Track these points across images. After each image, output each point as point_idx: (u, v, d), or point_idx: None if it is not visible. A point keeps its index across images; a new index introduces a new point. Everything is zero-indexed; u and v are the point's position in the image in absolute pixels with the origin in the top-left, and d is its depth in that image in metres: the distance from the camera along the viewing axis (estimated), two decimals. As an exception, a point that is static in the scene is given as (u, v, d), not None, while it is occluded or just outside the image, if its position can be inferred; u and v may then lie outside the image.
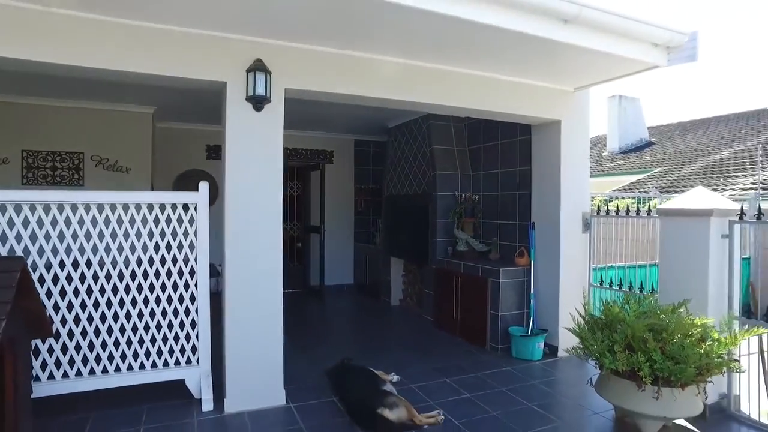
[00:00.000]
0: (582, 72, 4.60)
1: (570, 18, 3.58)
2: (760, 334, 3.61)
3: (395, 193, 7.51)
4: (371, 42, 3.82)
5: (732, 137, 16.01)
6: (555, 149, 5.13)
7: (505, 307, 5.20)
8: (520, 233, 5.58)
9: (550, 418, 3.69)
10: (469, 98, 4.55)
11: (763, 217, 3.57)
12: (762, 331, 3.31)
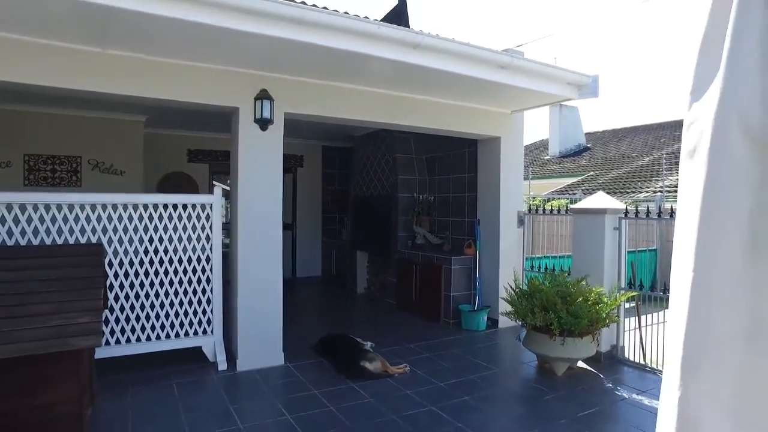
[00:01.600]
0: (516, 101, 5.82)
1: (505, 65, 4.77)
2: (637, 302, 4.93)
3: (361, 194, 8.56)
4: (351, 77, 4.86)
5: (653, 145, 18.02)
6: (495, 160, 6.34)
7: (455, 288, 6.36)
8: (468, 228, 6.76)
9: (490, 367, 4.87)
10: (427, 119, 5.68)
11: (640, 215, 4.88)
12: (630, 294, 4.65)
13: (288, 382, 4.44)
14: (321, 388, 4.22)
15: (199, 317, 4.70)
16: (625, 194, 12.42)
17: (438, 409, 3.82)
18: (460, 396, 4.08)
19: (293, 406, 3.87)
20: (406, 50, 4.21)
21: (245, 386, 4.31)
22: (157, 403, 3.86)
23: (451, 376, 4.55)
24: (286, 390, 4.26)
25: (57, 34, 3.67)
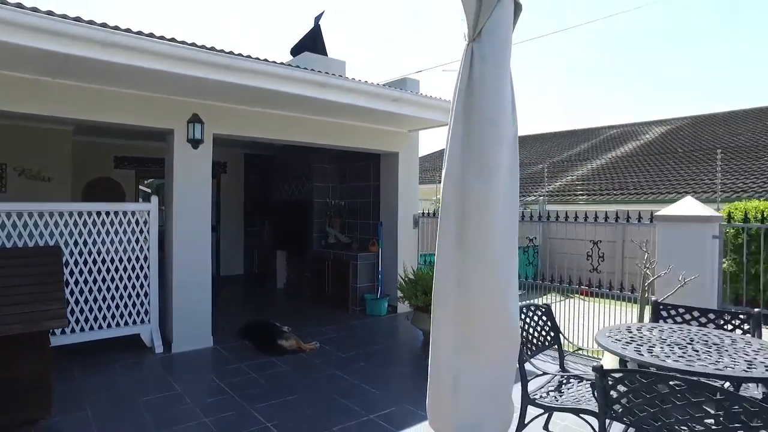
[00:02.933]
0: (410, 123, 7.06)
1: (396, 98, 5.97)
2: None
3: (281, 199, 9.48)
4: (272, 105, 5.84)
5: (548, 152, 20.30)
6: (394, 171, 7.55)
7: (361, 281, 7.50)
8: (373, 229, 7.93)
9: (385, 342, 6.05)
10: (336, 139, 6.76)
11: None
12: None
13: (217, 359, 5.34)
14: (245, 362, 5.18)
15: (138, 308, 5.47)
16: (516, 197, 14.20)
17: (339, 371, 4.92)
18: (358, 363, 5.21)
19: (222, 375, 4.81)
20: (315, 88, 5.27)
21: (180, 363, 5.17)
22: (104, 381, 4.62)
23: (352, 350, 5.67)
24: (216, 364, 5.18)
25: (18, 68, 4.34)
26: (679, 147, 15.87)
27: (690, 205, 4.49)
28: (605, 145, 18.74)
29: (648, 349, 2.70)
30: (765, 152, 12.81)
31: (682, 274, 4.11)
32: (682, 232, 4.40)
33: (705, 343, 2.83)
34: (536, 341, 3.44)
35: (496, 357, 2.22)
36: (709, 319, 3.54)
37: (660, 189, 11.74)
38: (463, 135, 2.11)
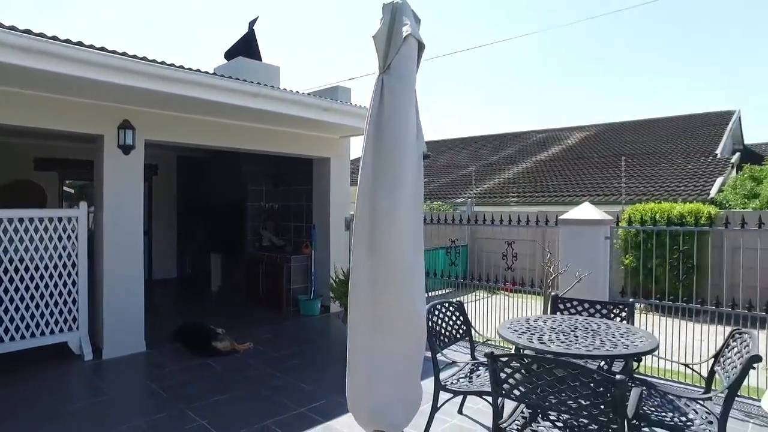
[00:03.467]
0: (342, 130, 7.35)
1: (327, 108, 6.24)
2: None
3: (215, 202, 9.49)
4: (205, 112, 5.95)
5: (478, 155, 21.22)
6: (327, 176, 7.82)
7: (295, 282, 7.72)
8: (306, 231, 8.16)
9: (319, 340, 6.32)
10: (270, 145, 6.94)
11: (442, 222, 6.68)
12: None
13: (150, 362, 5.41)
14: (179, 365, 5.28)
15: (65, 316, 5.41)
16: (447, 199, 14.86)
17: (272, 370, 5.14)
18: (291, 361, 5.44)
19: (155, 378, 4.90)
20: (247, 98, 5.45)
21: (111, 369, 5.19)
22: (28, 393, 4.53)
23: (285, 349, 5.89)
24: (149, 368, 5.24)
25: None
26: (594, 153, 17.17)
27: (587, 209, 5.09)
28: (531, 149, 19.89)
29: (539, 337, 3.15)
30: (662, 159, 14.18)
31: (578, 271, 4.68)
32: (579, 234, 4.98)
33: (585, 330, 3.32)
34: (449, 334, 3.85)
35: (404, 348, 2.57)
36: (596, 309, 4.09)
37: (576, 192, 12.73)
38: (374, 155, 2.44)
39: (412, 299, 2.51)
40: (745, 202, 9.53)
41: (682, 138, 16.24)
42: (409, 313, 2.51)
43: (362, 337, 2.52)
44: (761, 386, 4.24)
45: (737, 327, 3.20)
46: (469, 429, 3.81)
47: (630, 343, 3.04)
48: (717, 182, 11.08)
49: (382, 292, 2.46)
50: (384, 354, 2.50)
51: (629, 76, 63.17)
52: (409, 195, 2.45)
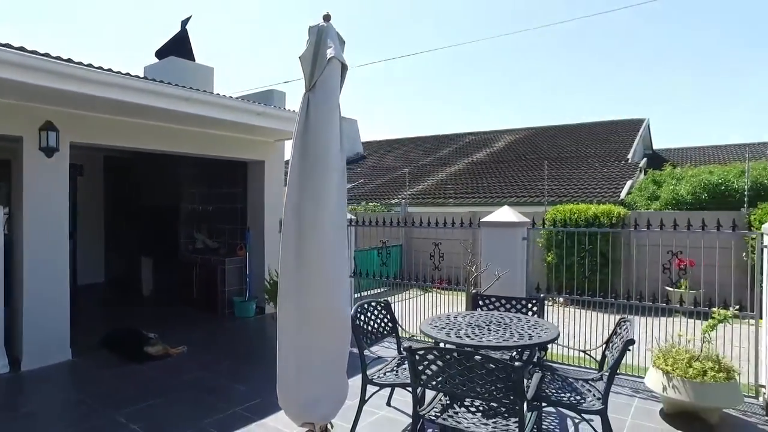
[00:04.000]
0: (276, 134, 7.44)
1: (260, 113, 6.33)
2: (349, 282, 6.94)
3: (146, 204, 9.27)
4: (135, 115, 5.87)
5: (413, 156, 21.73)
6: (261, 178, 7.89)
7: (230, 284, 7.73)
8: (241, 234, 8.17)
9: (253, 341, 6.40)
10: (202, 148, 6.93)
11: (365, 222, 6.92)
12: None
13: (76, 371, 5.29)
14: (108, 371, 5.21)
15: (-21, 326, 5.17)
16: (383, 200, 15.19)
17: (206, 372, 5.19)
18: (225, 362, 5.51)
19: (82, 387, 4.82)
20: (179, 102, 5.45)
21: (32, 381, 5.03)
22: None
23: (220, 351, 5.94)
24: (75, 377, 5.14)
25: None
26: (522, 155, 18.11)
27: (505, 212, 5.51)
28: (464, 151, 20.64)
29: (456, 332, 3.46)
30: (581, 163, 15.23)
31: (497, 270, 5.08)
32: (499, 236, 5.39)
33: (498, 324, 3.68)
34: (376, 332, 4.10)
35: (330, 346, 2.78)
36: (512, 305, 4.49)
37: (504, 193, 13.42)
38: (300, 168, 2.64)
39: (337, 301, 2.73)
40: (648, 203, 10.49)
41: (600, 143, 17.47)
42: (334, 313, 2.72)
43: (290, 337, 2.71)
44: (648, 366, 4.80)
45: (624, 316, 3.65)
46: (396, 419, 4.07)
47: (536, 334, 3.41)
48: (627, 185, 12.08)
49: (308, 295, 2.66)
50: (311, 352, 2.70)
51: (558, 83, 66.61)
52: (333, 205, 2.66)
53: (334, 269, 2.70)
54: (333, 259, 2.69)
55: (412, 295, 7.50)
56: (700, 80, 57.55)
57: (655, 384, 4.08)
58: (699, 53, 54.58)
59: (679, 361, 3.98)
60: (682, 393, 3.85)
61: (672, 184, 10.55)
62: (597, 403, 3.15)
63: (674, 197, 10.11)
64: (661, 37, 56.68)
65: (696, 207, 9.71)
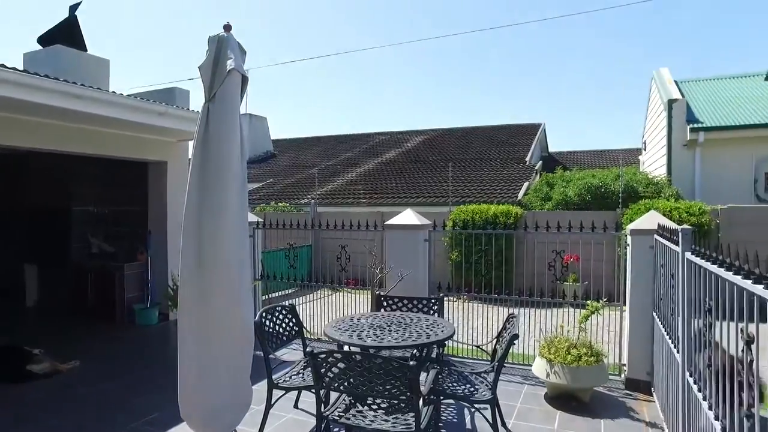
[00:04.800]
0: (179, 134, 7.18)
1: (162, 113, 6.09)
2: (255, 285, 6.90)
3: (33, 205, 8.49)
4: (23, 112, 5.41)
5: (323, 155, 21.73)
6: (163, 180, 7.57)
7: (130, 291, 7.34)
8: (141, 237, 7.78)
9: (156, 350, 6.15)
10: (99, 147, 6.54)
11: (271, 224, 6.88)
12: (257, 281, 6.57)
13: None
14: (-14, 392, 4.77)
15: None
16: (293, 200, 15.08)
17: (104, 385, 4.94)
18: (125, 374, 5.27)
19: (-44, 410, 4.39)
20: (69, 99, 5.11)
21: None
22: None
23: (119, 362, 5.66)
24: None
25: None
26: (430, 156, 18.79)
27: (408, 216, 5.76)
28: (374, 151, 21.00)
29: (358, 334, 3.61)
30: (484, 164, 16.14)
31: (401, 271, 5.31)
32: (402, 238, 5.63)
33: (399, 324, 3.88)
34: (282, 336, 4.15)
35: (232, 354, 2.81)
36: (414, 304, 4.73)
37: (412, 194, 13.88)
38: (200, 179, 2.64)
39: (238, 308, 2.76)
40: (542, 203, 11.39)
41: (501, 146, 18.58)
42: (236, 321, 2.75)
43: (191, 345, 2.70)
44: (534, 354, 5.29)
45: (512, 312, 4.02)
46: (303, 421, 4.15)
47: (433, 333, 3.65)
48: (524, 186, 13.00)
49: (209, 303, 2.67)
50: (213, 360, 2.71)
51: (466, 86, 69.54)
52: (234, 216, 2.69)
53: (236, 276, 2.73)
54: (235, 267, 2.72)
55: (321, 296, 7.58)
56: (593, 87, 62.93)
57: (540, 371, 4.51)
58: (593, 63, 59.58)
59: (560, 349, 4.43)
60: (561, 377, 4.30)
61: (562, 186, 11.51)
62: (488, 393, 3.45)
63: (564, 198, 11.04)
64: (562, 46, 61.18)
65: (582, 207, 10.68)
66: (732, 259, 1.93)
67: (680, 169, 12.33)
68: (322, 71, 74.42)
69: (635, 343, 4.70)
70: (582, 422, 4.07)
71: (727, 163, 12.01)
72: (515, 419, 4.13)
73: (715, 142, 12.08)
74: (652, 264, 4.46)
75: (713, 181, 11.93)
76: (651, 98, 15.77)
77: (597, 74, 61.42)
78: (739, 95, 14.00)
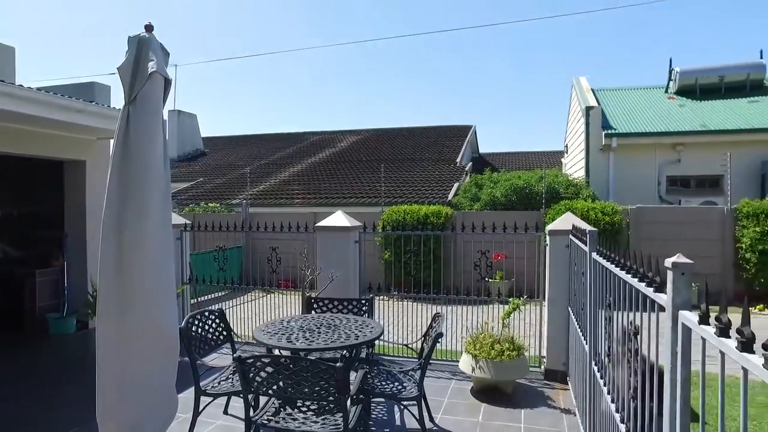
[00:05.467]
0: (98, 132, 6.81)
1: (81, 110, 5.77)
2: (183, 290, 6.73)
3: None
4: None
5: (255, 154, 21.29)
6: (81, 180, 7.15)
7: (43, 299, 6.88)
8: (57, 242, 7.31)
9: (72, 360, 5.82)
10: (5, 144, 6.06)
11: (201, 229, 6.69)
12: (183, 286, 6.39)
13: None
14: None
15: None
16: (223, 200, 14.68)
17: (13, 402, 4.61)
18: (38, 388, 4.94)
19: None
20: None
21: None
22: None
23: (30, 375, 5.30)
24: None
25: None
26: (363, 156, 18.91)
27: (338, 218, 5.81)
28: (308, 150, 20.84)
29: (288, 337, 3.63)
30: (416, 165, 16.49)
31: (331, 273, 5.36)
32: (333, 239, 5.67)
33: (329, 326, 3.93)
34: (211, 341, 4.08)
35: (155, 362, 2.74)
36: (344, 305, 4.79)
37: (345, 194, 13.92)
38: (119, 185, 2.56)
39: (162, 314, 2.70)
40: (471, 204, 11.81)
41: (433, 147, 19.03)
42: (159, 328, 2.69)
43: (111, 356, 2.61)
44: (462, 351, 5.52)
45: (438, 312, 4.18)
46: (233, 426, 4.10)
47: (362, 334, 3.72)
48: (454, 187, 13.41)
49: (130, 311, 2.58)
50: (134, 371, 2.63)
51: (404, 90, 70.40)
52: (156, 218, 2.62)
53: (159, 281, 2.66)
54: (158, 271, 2.65)
55: (253, 298, 7.47)
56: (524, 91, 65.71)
57: (466, 366, 4.72)
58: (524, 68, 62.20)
59: (484, 345, 4.65)
60: (486, 372, 4.52)
61: (490, 187, 11.98)
62: (414, 390, 3.57)
63: (491, 199, 11.51)
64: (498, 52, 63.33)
65: (508, 207, 11.18)
66: (624, 260, 2.14)
67: (597, 171, 13.21)
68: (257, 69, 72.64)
69: (553, 336, 5.02)
70: (504, 413, 4.30)
71: (636, 166, 13.01)
72: (443, 413, 4.30)
73: (626, 147, 13.05)
74: (568, 262, 4.78)
75: (625, 183, 12.89)
76: (571, 104, 16.76)
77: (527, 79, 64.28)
78: (645, 105, 15.21)
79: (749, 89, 14.69)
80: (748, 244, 9.03)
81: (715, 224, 9.58)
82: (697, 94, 15.06)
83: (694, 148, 12.73)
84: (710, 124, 12.99)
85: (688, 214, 9.95)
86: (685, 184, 13.18)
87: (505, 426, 4.05)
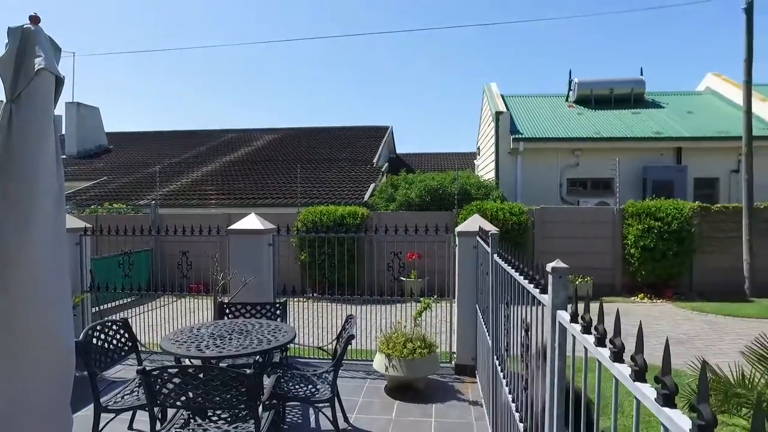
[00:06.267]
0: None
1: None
2: (83, 299, 6.29)
3: None
4: None
5: (165, 152, 20.24)
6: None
7: None
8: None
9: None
10: None
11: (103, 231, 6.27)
12: (82, 296, 5.97)
13: None
14: None
15: None
16: (130, 200, 13.83)
17: None
18: None
19: None
20: None
21: None
22: None
23: None
24: None
25: None
26: (280, 156, 18.61)
27: (251, 220, 5.70)
28: (221, 149, 20.14)
29: (197, 345, 3.52)
30: (333, 165, 16.52)
31: (244, 277, 5.25)
32: (246, 243, 5.55)
33: (240, 332, 3.85)
34: (114, 353, 3.86)
35: (46, 381, 2.55)
36: (257, 310, 4.72)
37: (260, 195, 13.64)
38: (1, 189, 2.35)
39: (54, 328, 2.51)
40: (387, 204, 12.03)
41: (349, 147, 19.13)
42: (51, 343, 2.50)
43: (-5, 378, 2.40)
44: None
45: (350, 314, 4.25)
46: (138, 442, 3.91)
47: (274, 338, 3.69)
48: (371, 187, 13.58)
49: (16, 328, 2.39)
50: (21, 393, 2.44)
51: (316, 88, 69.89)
52: (47, 228, 2.44)
53: (50, 293, 2.47)
54: (48, 283, 2.46)
55: (163, 304, 7.12)
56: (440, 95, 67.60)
57: (379, 366, 4.82)
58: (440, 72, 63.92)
59: (397, 344, 4.79)
60: (399, 370, 4.66)
61: (405, 188, 12.27)
62: (328, 392, 3.61)
63: (406, 199, 11.79)
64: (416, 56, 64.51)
65: (423, 208, 11.51)
66: (518, 262, 2.32)
67: (506, 173, 13.97)
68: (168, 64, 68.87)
69: (462, 332, 5.27)
70: (416, 408, 4.45)
71: (541, 169, 13.92)
72: (357, 413, 4.37)
73: (532, 151, 13.92)
74: (476, 262, 5.04)
75: (531, 184, 13.74)
76: (483, 108, 17.59)
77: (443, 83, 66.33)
78: (549, 112, 16.32)
79: (633, 102, 16.27)
80: (633, 241, 10.00)
81: (608, 223, 10.49)
82: (592, 104, 16.38)
83: (590, 153, 13.83)
84: (602, 131, 14.19)
85: (584, 214, 10.82)
86: (583, 185, 14.30)
87: (417, 421, 4.20)
